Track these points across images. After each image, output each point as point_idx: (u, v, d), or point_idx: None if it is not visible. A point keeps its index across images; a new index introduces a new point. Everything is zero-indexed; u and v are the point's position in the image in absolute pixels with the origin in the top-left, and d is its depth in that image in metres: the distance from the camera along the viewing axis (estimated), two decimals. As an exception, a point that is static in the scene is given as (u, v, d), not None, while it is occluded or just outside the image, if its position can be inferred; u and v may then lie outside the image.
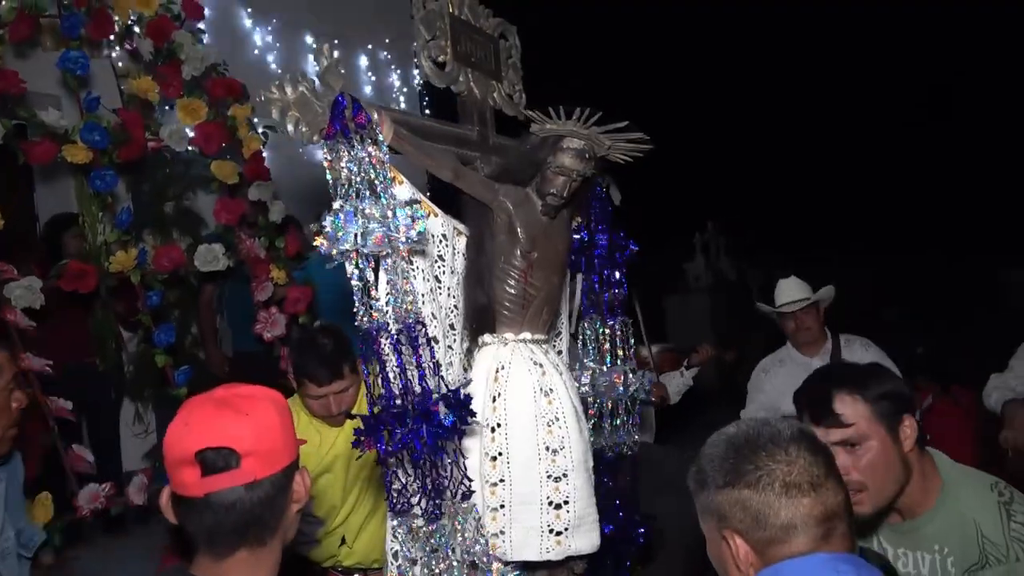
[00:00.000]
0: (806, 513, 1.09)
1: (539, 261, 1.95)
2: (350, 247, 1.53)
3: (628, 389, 2.25)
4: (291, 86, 1.62)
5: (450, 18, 2.08)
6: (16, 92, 2.94)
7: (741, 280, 10.26)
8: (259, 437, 1.25)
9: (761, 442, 1.14)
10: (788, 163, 13.25)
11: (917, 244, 11.64)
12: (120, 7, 3.21)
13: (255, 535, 1.24)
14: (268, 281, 3.52)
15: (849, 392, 1.54)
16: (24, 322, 2.90)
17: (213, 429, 1.23)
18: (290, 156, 4.97)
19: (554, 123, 1.87)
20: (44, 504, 2.84)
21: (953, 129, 12.83)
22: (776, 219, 13.02)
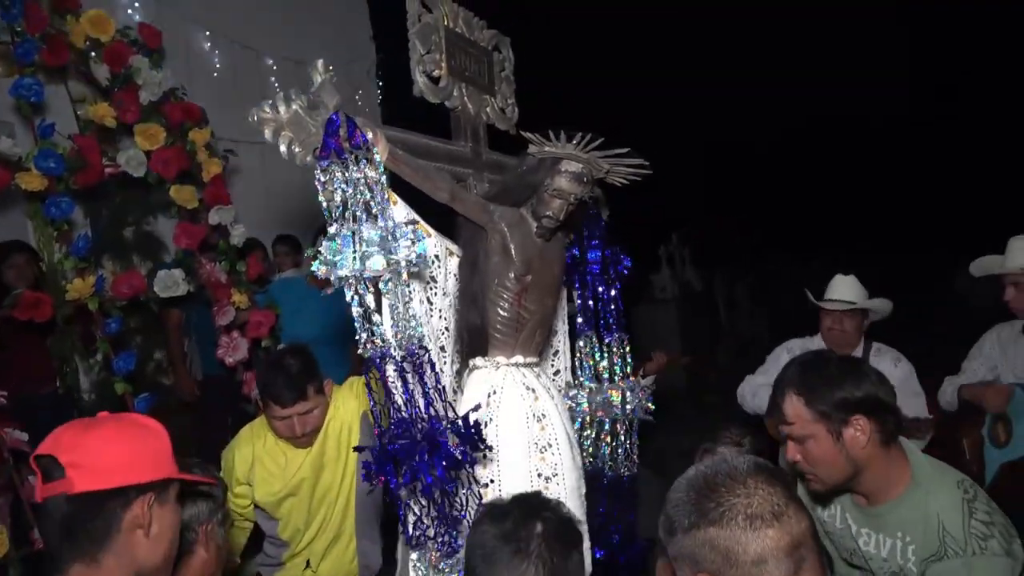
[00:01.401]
0: (773, 545, 1.09)
1: (533, 284, 1.92)
2: (349, 272, 1.49)
3: (626, 408, 2.23)
4: (284, 105, 1.58)
5: (445, 31, 2.04)
6: (-33, 121, 2.90)
7: (707, 290, 10.39)
8: (91, 452, 1.28)
9: (719, 479, 1.15)
10: (786, 171, 13.38)
11: (923, 244, 11.78)
12: (76, 33, 3.18)
13: (84, 549, 1.27)
14: (229, 305, 3.50)
15: (797, 393, 1.67)
16: (-22, 353, 2.86)
17: (52, 440, 1.31)
18: (251, 179, 4.96)
19: (553, 145, 1.84)
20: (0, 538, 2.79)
21: (957, 128, 13.03)
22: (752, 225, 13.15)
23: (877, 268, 9.97)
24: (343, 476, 2.50)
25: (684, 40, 12.41)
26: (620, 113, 8.18)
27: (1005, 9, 11.22)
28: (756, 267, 11.26)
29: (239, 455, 2.52)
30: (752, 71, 12.79)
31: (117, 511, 1.28)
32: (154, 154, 3.36)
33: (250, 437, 2.54)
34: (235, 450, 2.55)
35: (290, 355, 2.37)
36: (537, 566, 1.32)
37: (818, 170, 13.62)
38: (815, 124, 13.46)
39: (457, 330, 1.92)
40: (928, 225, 12.57)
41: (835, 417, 1.63)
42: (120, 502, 1.29)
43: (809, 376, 1.68)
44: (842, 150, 13.76)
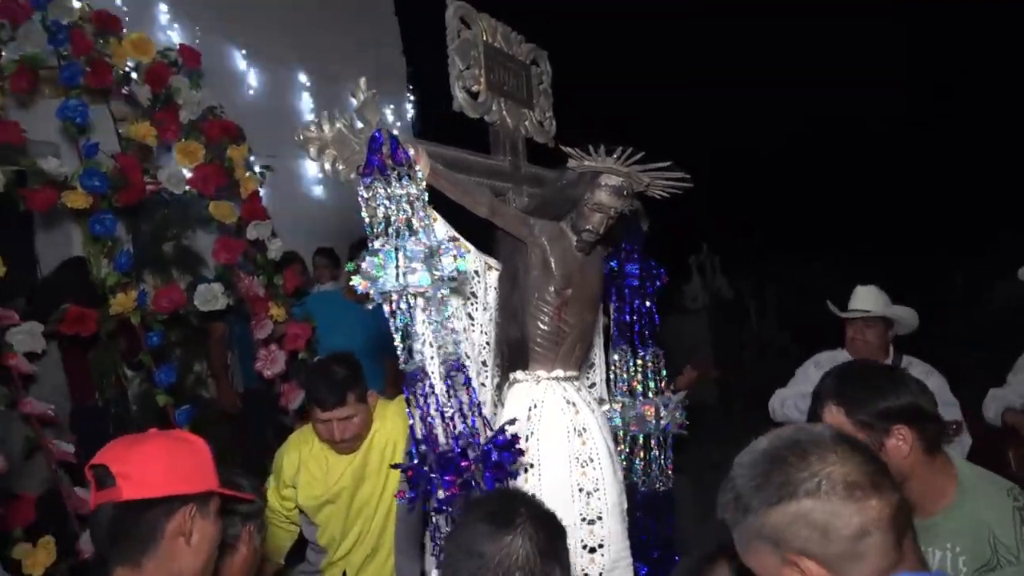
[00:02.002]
0: (876, 516, 0.97)
1: (573, 298, 1.92)
2: (392, 287, 1.50)
3: (660, 422, 2.21)
4: (328, 124, 1.60)
5: (484, 46, 2.05)
6: (17, 142, 3.00)
7: (738, 299, 10.29)
8: (139, 463, 1.37)
9: (804, 446, 1.02)
10: (787, 172, 13.27)
11: (924, 244, 11.64)
12: (118, 55, 3.27)
13: (129, 554, 1.35)
14: (267, 319, 3.56)
15: (836, 404, 1.64)
16: (25, 366, 2.93)
17: (106, 451, 1.40)
18: (286, 193, 5.04)
19: (592, 159, 1.84)
20: (47, 547, 2.85)
21: (955, 128, 12.86)
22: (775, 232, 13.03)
23: (879, 269, 9.88)
24: (383, 490, 2.53)
25: (680, 45, 12.37)
26: (626, 118, 8.17)
27: (1002, 7, 11.02)
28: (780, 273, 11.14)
29: (287, 458, 2.60)
30: (748, 72, 12.71)
31: (161, 519, 1.36)
32: (193, 171, 3.44)
33: (298, 442, 2.62)
34: (285, 453, 2.63)
35: (336, 362, 2.45)
36: (523, 538, 1.25)
37: (817, 171, 13.46)
38: (812, 125, 13.33)
39: (497, 344, 1.92)
40: (928, 225, 12.36)
41: (876, 427, 1.60)
42: (164, 511, 1.36)
43: (848, 386, 1.66)
44: (840, 151, 13.60)
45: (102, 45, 3.26)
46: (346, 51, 6.07)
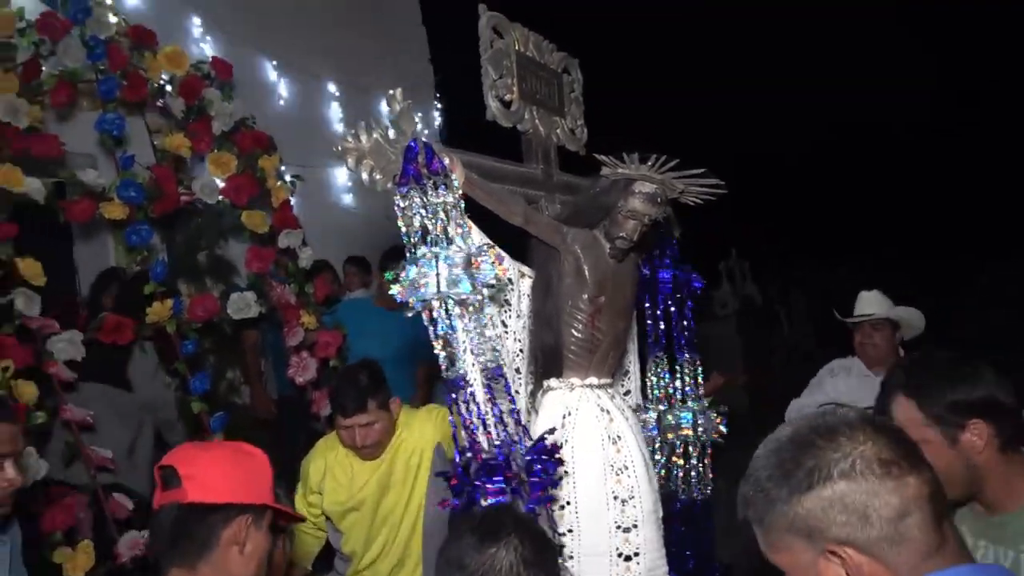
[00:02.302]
0: (915, 493, 0.91)
1: (607, 305, 1.92)
2: (432, 296, 1.50)
3: (698, 430, 2.20)
4: (365, 134, 1.62)
5: (516, 56, 2.07)
6: (56, 155, 3.08)
7: (768, 305, 10.16)
8: (205, 468, 1.42)
9: (831, 427, 0.95)
10: (812, 178, 13.13)
11: (948, 249, 11.46)
12: (153, 69, 3.34)
13: (185, 556, 1.38)
14: (299, 326, 3.60)
15: (907, 395, 1.56)
16: (66, 374, 3.00)
17: (175, 453, 1.46)
18: (317, 202, 5.10)
19: (626, 167, 1.84)
20: (86, 551, 2.91)
21: (980, 134, 12.66)
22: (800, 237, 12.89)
23: (904, 274, 9.71)
24: (408, 500, 2.53)
25: (705, 52, 12.29)
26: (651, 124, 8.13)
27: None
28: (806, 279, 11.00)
29: (314, 465, 2.62)
30: (772, 80, 12.60)
31: (219, 525, 1.39)
32: (226, 181, 3.49)
33: (324, 448, 2.65)
34: (311, 460, 2.66)
35: (360, 369, 2.48)
36: (508, 550, 1.24)
37: (842, 178, 13.28)
38: (837, 132, 13.16)
39: (531, 351, 1.93)
40: (953, 230, 12.13)
41: (950, 420, 1.53)
42: (222, 517, 1.39)
43: (920, 376, 1.58)
44: (865, 158, 13.41)
45: (138, 59, 3.32)
46: (374, 61, 6.13)
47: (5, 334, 2.83)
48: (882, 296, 3.24)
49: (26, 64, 3.06)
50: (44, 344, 2.96)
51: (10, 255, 2.89)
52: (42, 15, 3.13)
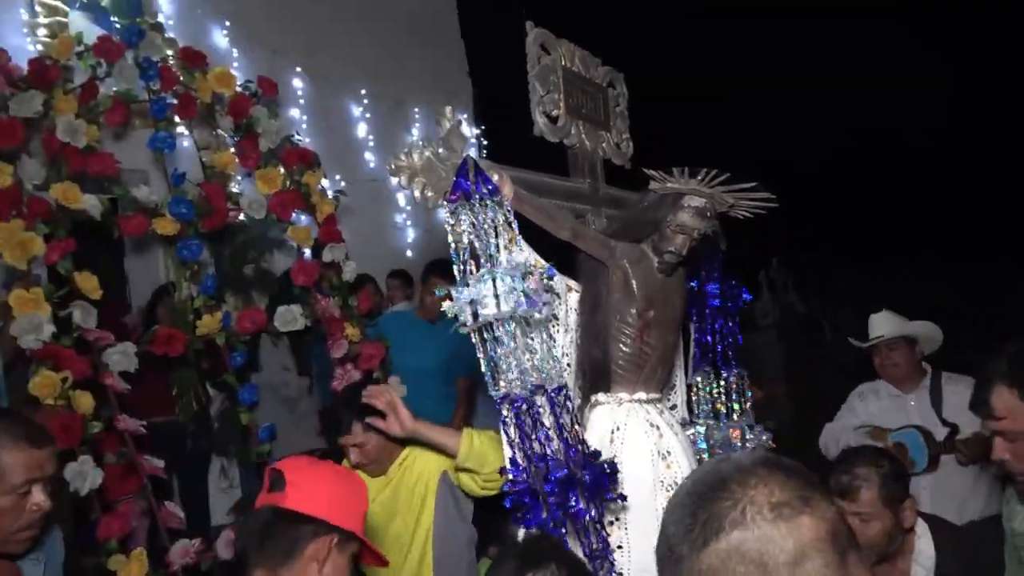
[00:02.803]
0: (813, 536, 0.87)
1: (656, 320, 1.92)
2: (488, 313, 1.50)
3: (746, 445, 2.16)
4: (417, 152, 1.64)
5: (563, 71, 2.08)
6: (112, 173, 3.18)
7: (810, 315, 9.97)
8: (310, 480, 1.47)
9: (725, 474, 0.93)
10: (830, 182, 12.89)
11: (987, 256, 11.16)
12: (203, 89, 3.43)
13: (270, 560, 1.42)
14: (343, 339, 3.65)
15: (1009, 385, 1.57)
16: (120, 385, 3.08)
17: (287, 460, 1.51)
18: (358, 215, 5.17)
19: (675, 181, 1.83)
20: (139, 559, 2.98)
21: (998, 139, 12.32)
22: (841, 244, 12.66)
23: (945, 282, 9.36)
24: (415, 528, 2.48)
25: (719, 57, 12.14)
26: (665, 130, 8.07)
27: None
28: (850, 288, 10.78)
29: None
30: (787, 85, 12.40)
31: (306, 537, 1.43)
32: (272, 197, 3.56)
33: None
34: None
35: (354, 389, 2.52)
36: (548, 574, 1.28)
37: (861, 183, 12.99)
38: (852, 136, 12.87)
39: (579, 366, 1.92)
40: (987, 237, 11.76)
41: None
42: (311, 530, 1.44)
43: (1023, 365, 1.57)
44: (882, 163, 13.10)
45: (188, 79, 3.42)
46: (413, 76, 6.22)
47: (64, 346, 2.92)
48: (892, 315, 3.23)
49: (84, 86, 3.18)
50: (100, 356, 3.05)
51: (69, 270, 2.99)
52: (99, 39, 3.25)
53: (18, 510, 1.65)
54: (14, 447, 1.64)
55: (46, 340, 2.86)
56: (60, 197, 2.98)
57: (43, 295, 2.87)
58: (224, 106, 3.50)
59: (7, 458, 1.63)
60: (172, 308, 3.74)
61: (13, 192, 2.90)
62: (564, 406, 1.55)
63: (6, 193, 2.88)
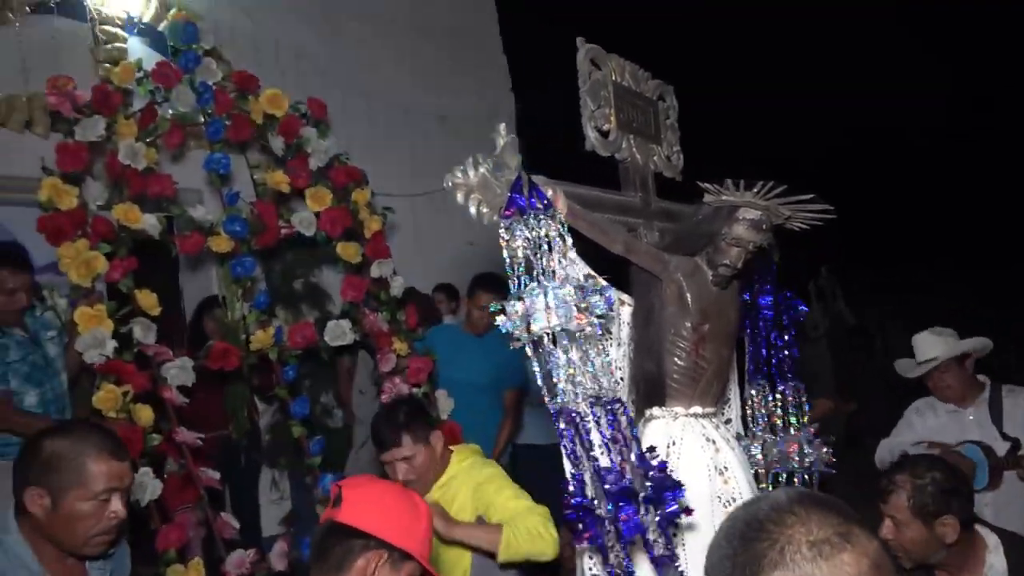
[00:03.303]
0: (854, 572, 0.86)
1: (710, 333, 1.90)
2: (544, 326, 1.50)
3: (804, 460, 2.12)
4: (473, 169, 1.66)
5: (613, 86, 2.09)
6: (170, 194, 3.29)
7: (860, 325, 9.72)
8: (366, 496, 1.51)
9: (761, 515, 0.93)
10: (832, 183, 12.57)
11: (1001, 259, 10.80)
12: (255, 111, 3.53)
13: (323, 570, 1.46)
14: (391, 353, 3.70)
15: None
16: (179, 399, 3.17)
17: (351, 479, 1.58)
18: (403, 229, 5.24)
19: (730, 193, 1.82)
20: (197, 569, 3.05)
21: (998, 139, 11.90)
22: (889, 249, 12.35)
23: (962, 284, 8.99)
24: (456, 564, 2.44)
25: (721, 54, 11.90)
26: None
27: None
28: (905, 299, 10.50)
29: None
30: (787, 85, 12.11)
31: (356, 551, 1.47)
32: (322, 214, 3.64)
33: None
34: None
35: (399, 404, 2.55)
36: None
37: (862, 184, 12.60)
38: (852, 137, 12.52)
39: (632, 380, 1.91)
40: (1009, 239, 11.31)
41: None
42: (361, 544, 1.47)
43: None
44: (883, 163, 12.70)
45: (242, 102, 3.53)
46: (457, 91, 6.29)
47: (125, 361, 3.02)
48: (936, 336, 3.11)
49: (144, 110, 3.30)
50: (158, 370, 3.14)
51: (130, 287, 3.10)
52: (157, 65, 3.37)
53: (98, 516, 1.74)
54: (99, 457, 1.75)
55: (109, 355, 2.96)
56: (122, 217, 3.10)
57: (106, 312, 2.98)
58: (275, 127, 3.59)
59: (92, 466, 1.73)
60: (220, 321, 3.83)
61: (78, 213, 3.02)
62: (621, 418, 1.54)
63: (72, 214, 3.00)
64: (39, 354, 3.12)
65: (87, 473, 1.72)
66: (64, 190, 3.00)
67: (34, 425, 2.99)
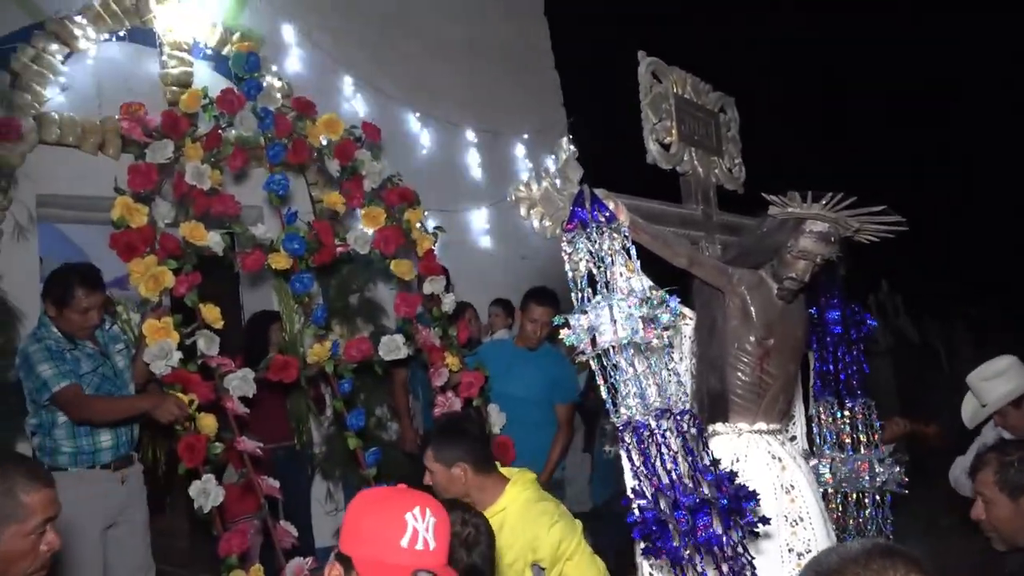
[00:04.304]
0: None
1: (776, 348, 1.87)
2: (611, 340, 1.49)
3: (876, 480, 2.08)
4: (536, 183, 1.67)
5: (675, 99, 2.09)
6: (233, 213, 3.40)
7: (924, 340, 9.38)
8: (350, 509, 1.39)
9: (831, 564, 0.97)
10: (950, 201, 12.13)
11: None
12: (312, 135, 3.66)
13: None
14: (443, 367, 3.73)
15: None
16: (240, 409, 3.25)
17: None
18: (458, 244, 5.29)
19: (796, 205, 1.80)
20: (257, 574, 3.11)
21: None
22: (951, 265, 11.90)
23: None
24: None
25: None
26: None
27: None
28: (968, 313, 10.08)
29: None
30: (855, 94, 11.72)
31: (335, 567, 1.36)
32: (376, 233, 3.72)
33: None
34: None
35: (454, 419, 2.64)
36: None
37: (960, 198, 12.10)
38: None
39: (695, 395, 1.88)
40: None
41: None
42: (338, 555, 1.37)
43: None
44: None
45: (300, 127, 3.65)
46: (510, 107, 6.34)
47: (190, 372, 3.12)
48: (1005, 367, 2.85)
49: (208, 134, 3.43)
50: (221, 381, 3.23)
51: (195, 301, 3.21)
52: (222, 92, 3.51)
53: (34, 552, 1.61)
54: (32, 488, 1.61)
55: (174, 366, 3.06)
56: (187, 235, 3.22)
57: (172, 324, 3.08)
58: (331, 149, 3.69)
59: (27, 499, 1.59)
60: (280, 335, 3.93)
61: (147, 231, 3.16)
62: (690, 429, 1.51)
63: (142, 231, 3.13)
64: (108, 366, 3.24)
65: (24, 507, 1.58)
66: (135, 208, 3.14)
67: (107, 407, 3.08)
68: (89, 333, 3.18)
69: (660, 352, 1.54)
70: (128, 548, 3.17)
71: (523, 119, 6.44)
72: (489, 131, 6.11)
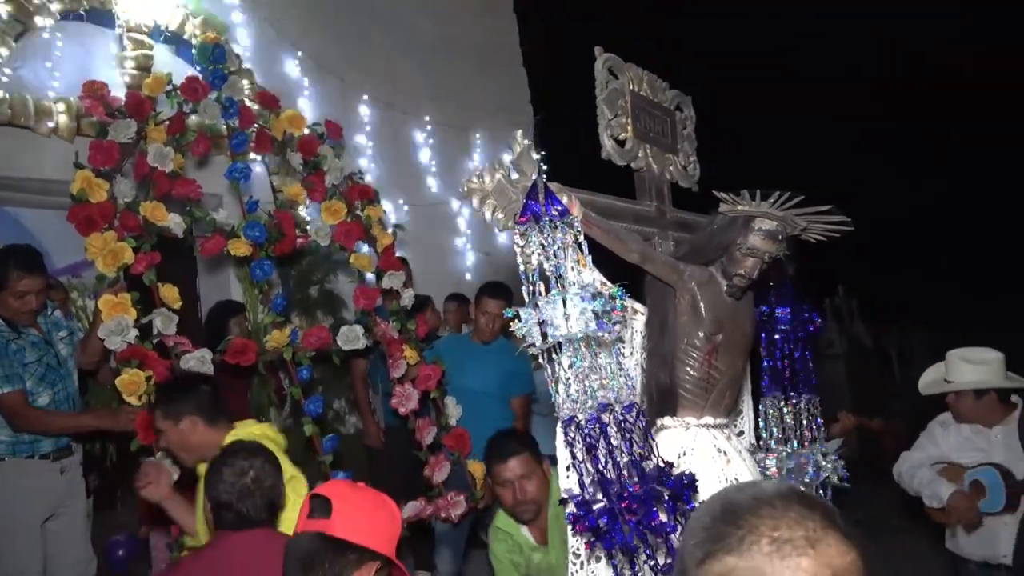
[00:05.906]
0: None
1: (724, 343, 1.89)
2: (564, 334, 1.49)
3: (819, 474, 2.10)
4: (489, 175, 1.68)
5: (631, 95, 2.10)
6: (195, 197, 3.36)
7: (878, 345, 9.62)
8: (357, 508, 1.44)
9: (742, 501, 0.91)
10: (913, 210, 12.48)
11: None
12: (276, 128, 3.69)
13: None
14: (402, 359, 3.74)
15: None
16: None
17: (329, 486, 1.50)
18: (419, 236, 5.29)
19: (746, 203, 1.82)
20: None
21: None
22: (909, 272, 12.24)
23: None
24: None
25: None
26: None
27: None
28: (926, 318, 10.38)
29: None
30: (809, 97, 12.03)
31: (352, 564, 1.45)
32: (337, 227, 3.74)
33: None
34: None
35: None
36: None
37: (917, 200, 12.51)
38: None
39: (644, 389, 1.91)
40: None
41: None
42: (356, 558, 1.45)
43: None
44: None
45: (264, 119, 3.67)
46: (477, 103, 6.34)
47: (147, 348, 3.06)
48: (968, 363, 2.95)
49: (172, 119, 3.38)
50: (178, 361, 3.18)
51: (153, 280, 3.16)
52: (187, 79, 3.48)
53: None
54: None
55: (131, 342, 3.00)
56: (148, 214, 3.18)
57: (130, 301, 3.02)
58: (294, 143, 3.69)
59: None
60: (243, 326, 3.89)
61: (107, 207, 3.11)
62: (635, 424, 1.53)
63: (102, 207, 3.09)
64: (52, 355, 3.16)
65: None
66: (96, 183, 3.09)
67: (50, 423, 3.04)
68: (30, 319, 3.10)
69: (609, 347, 1.56)
70: (68, 540, 3.11)
71: (490, 115, 6.44)
72: (455, 126, 6.12)
